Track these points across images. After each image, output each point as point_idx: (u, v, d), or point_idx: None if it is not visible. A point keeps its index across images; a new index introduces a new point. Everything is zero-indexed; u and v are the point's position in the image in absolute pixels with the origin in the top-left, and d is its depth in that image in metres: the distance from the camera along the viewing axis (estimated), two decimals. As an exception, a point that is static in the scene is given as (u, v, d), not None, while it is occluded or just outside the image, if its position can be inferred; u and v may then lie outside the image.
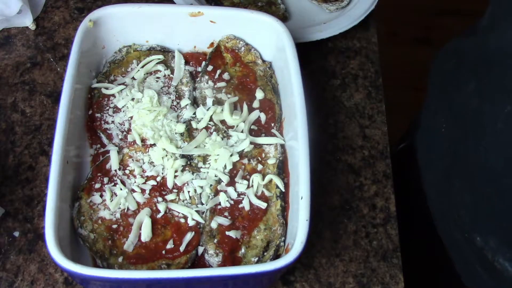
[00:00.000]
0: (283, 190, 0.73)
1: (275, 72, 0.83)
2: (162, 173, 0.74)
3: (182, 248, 0.69)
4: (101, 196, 0.71)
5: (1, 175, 0.79)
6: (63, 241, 0.64)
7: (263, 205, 0.72)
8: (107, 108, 0.78)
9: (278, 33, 0.80)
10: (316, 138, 0.73)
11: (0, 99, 0.86)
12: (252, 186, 0.73)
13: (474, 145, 0.69)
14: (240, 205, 0.72)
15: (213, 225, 0.70)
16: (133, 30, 0.82)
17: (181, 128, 0.76)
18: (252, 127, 0.78)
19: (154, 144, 0.75)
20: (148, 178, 0.73)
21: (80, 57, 0.76)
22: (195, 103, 0.80)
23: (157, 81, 0.81)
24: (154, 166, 0.74)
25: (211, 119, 0.78)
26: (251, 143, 0.76)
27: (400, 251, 0.78)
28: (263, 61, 0.84)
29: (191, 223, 0.71)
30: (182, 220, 0.71)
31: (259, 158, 0.76)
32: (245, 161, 0.75)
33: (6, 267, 0.73)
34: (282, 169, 0.75)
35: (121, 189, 0.72)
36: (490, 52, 0.67)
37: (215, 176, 0.74)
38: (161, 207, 0.71)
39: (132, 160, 0.75)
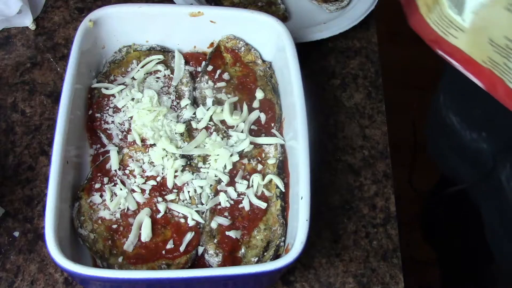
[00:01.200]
0: (283, 190, 0.73)
1: (275, 72, 0.83)
2: (162, 173, 0.74)
3: (182, 248, 0.69)
4: (101, 196, 0.71)
5: (1, 175, 0.79)
6: (63, 241, 0.64)
7: (263, 205, 0.72)
8: (107, 108, 0.78)
9: (278, 33, 0.80)
10: (316, 138, 0.73)
11: (0, 99, 0.86)
12: (252, 186, 0.73)
13: None
14: (240, 205, 0.72)
15: (213, 225, 0.70)
16: (133, 30, 0.82)
17: (181, 128, 0.76)
18: (252, 127, 0.78)
19: (154, 144, 0.75)
20: (148, 178, 0.73)
21: (80, 57, 0.76)
22: (195, 103, 0.80)
23: (157, 81, 0.81)
24: (154, 166, 0.74)
25: (211, 119, 0.78)
26: (251, 143, 0.76)
27: (400, 251, 0.78)
28: (263, 61, 0.84)
29: (191, 223, 0.71)
30: (182, 220, 0.71)
31: (259, 158, 0.76)
32: (245, 161, 0.75)
33: (6, 267, 0.73)
34: (282, 169, 0.75)
35: (121, 189, 0.72)
36: None
37: (215, 176, 0.74)
38: (161, 207, 0.71)
39: (132, 160, 0.75)
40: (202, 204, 0.72)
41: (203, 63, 0.84)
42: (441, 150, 0.81)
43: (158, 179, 0.73)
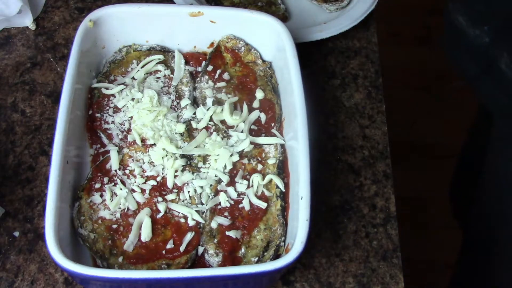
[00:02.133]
0: (283, 190, 0.73)
1: (275, 72, 0.83)
2: (162, 173, 0.74)
3: (182, 248, 0.69)
4: (101, 196, 0.71)
5: (1, 175, 0.79)
6: (63, 241, 0.64)
7: (263, 205, 0.72)
8: (107, 108, 0.78)
9: (278, 33, 0.80)
10: (316, 138, 0.73)
11: (0, 99, 0.86)
12: (252, 186, 0.73)
13: None
14: (240, 205, 0.72)
15: (213, 225, 0.70)
16: (133, 30, 0.82)
17: (181, 128, 0.76)
18: (252, 127, 0.78)
19: (154, 144, 0.75)
20: (148, 178, 0.73)
21: (80, 57, 0.76)
22: (195, 103, 0.80)
23: (157, 81, 0.81)
24: (154, 166, 0.74)
25: (211, 119, 0.78)
26: (251, 143, 0.76)
27: (400, 251, 0.78)
28: (263, 61, 0.84)
29: (191, 223, 0.71)
30: (182, 220, 0.71)
31: (259, 158, 0.76)
32: (245, 161, 0.75)
33: (6, 267, 0.73)
34: (282, 169, 0.75)
35: (121, 189, 0.72)
36: None
37: (215, 176, 0.74)
38: (161, 207, 0.71)
39: (132, 160, 0.75)
40: (202, 204, 0.72)
41: (203, 63, 0.84)
42: (453, 50, 0.88)
43: (158, 179, 0.73)
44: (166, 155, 0.74)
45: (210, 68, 0.83)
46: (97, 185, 0.72)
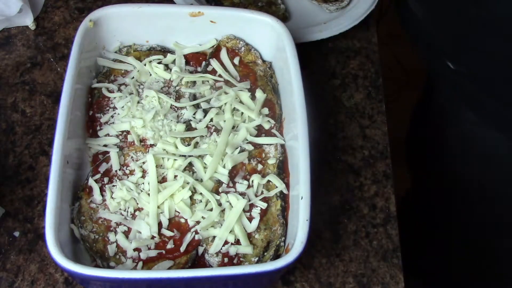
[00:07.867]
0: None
1: (275, 72, 0.83)
2: (163, 173, 0.74)
3: (182, 248, 0.69)
4: (101, 195, 0.71)
5: (1, 175, 0.79)
6: (63, 241, 0.64)
7: (263, 205, 0.72)
8: (107, 108, 0.78)
9: (278, 33, 0.80)
10: (316, 138, 0.73)
11: (0, 99, 0.86)
12: (252, 186, 0.73)
13: None
14: (240, 205, 0.72)
15: (213, 225, 0.70)
16: (133, 30, 0.82)
17: (181, 128, 0.76)
18: (252, 127, 0.78)
19: (154, 144, 0.75)
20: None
21: (80, 57, 0.76)
22: (195, 103, 0.80)
23: (157, 81, 0.81)
24: (154, 166, 0.74)
25: (211, 119, 0.78)
26: (251, 143, 0.76)
27: (400, 251, 0.78)
28: (263, 61, 0.84)
29: (191, 223, 0.71)
30: (182, 220, 0.71)
31: (259, 158, 0.76)
32: (245, 161, 0.75)
33: (6, 267, 0.73)
34: (282, 169, 0.75)
35: (121, 189, 0.71)
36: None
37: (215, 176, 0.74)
38: (162, 207, 0.71)
39: (132, 160, 0.74)
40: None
41: (203, 63, 0.84)
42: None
43: (159, 179, 0.73)
44: (166, 155, 0.74)
45: (210, 68, 0.82)
46: (97, 185, 0.72)
